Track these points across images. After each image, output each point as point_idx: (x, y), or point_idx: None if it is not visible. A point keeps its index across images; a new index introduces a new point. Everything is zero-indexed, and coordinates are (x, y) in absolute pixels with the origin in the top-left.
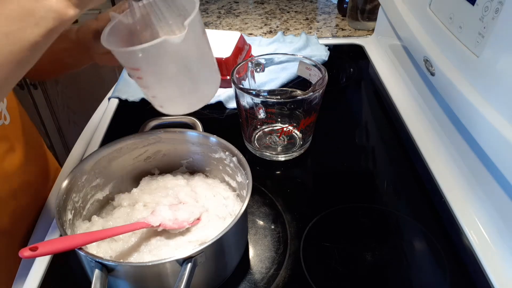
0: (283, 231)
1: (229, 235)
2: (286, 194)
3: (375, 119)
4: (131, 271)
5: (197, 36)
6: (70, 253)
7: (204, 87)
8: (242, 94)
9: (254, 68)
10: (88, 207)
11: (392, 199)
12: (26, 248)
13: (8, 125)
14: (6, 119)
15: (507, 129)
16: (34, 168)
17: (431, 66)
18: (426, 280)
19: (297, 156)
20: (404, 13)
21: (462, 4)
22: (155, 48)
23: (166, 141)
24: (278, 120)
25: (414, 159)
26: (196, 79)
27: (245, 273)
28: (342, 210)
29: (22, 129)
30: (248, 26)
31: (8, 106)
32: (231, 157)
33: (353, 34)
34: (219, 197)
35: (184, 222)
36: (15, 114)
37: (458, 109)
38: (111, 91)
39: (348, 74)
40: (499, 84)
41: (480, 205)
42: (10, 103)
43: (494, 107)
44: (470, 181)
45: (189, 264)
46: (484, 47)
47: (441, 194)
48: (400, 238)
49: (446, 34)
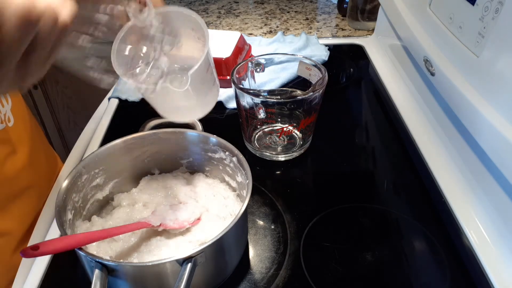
0: (283, 231)
1: (229, 235)
2: (286, 194)
3: (375, 119)
4: (131, 271)
5: (201, 76)
6: (70, 253)
7: (207, 104)
8: (242, 94)
9: (254, 68)
10: (88, 207)
11: (392, 199)
12: (27, 248)
13: (11, 128)
14: (9, 121)
15: (507, 129)
16: (38, 170)
17: (431, 66)
18: (426, 280)
19: (297, 156)
20: (404, 13)
21: (462, 4)
22: (156, 92)
23: (166, 141)
24: (278, 120)
25: (414, 159)
26: (199, 102)
27: (245, 273)
28: (342, 210)
29: (26, 131)
30: (248, 26)
31: (13, 108)
32: (231, 157)
33: (353, 34)
34: (219, 197)
35: (185, 222)
36: (20, 115)
37: (458, 109)
38: (111, 91)
39: (348, 74)
40: (499, 84)
41: (480, 205)
42: (16, 104)
43: (494, 107)
44: (470, 181)
45: (189, 264)
46: (484, 47)
47: (441, 194)
48: (400, 238)
49: (446, 34)
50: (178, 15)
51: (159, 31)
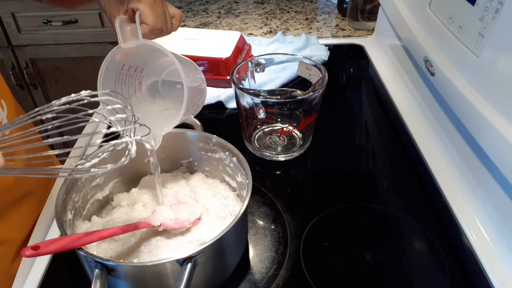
0: (283, 231)
1: (229, 235)
2: (286, 194)
3: (375, 119)
4: (131, 271)
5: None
6: (70, 253)
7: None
8: (242, 94)
9: (254, 68)
10: (88, 207)
11: (392, 199)
12: (28, 248)
13: (7, 135)
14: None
15: (507, 129)
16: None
17: (431, 66)
18: (426, 280)
19: (297, 156)
20: (404, 13)
21: (462, 4)
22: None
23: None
24: (278, 120)
25: (414, 159)
26: (191, 109)
27: (245, 273)
28: (342, 210)
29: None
30: (248, 26)
31: (9, 115)
32: (231, 157)
33: (353, 34)
34: (219, 197)
35: (185, 222)
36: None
37: (458, 109)
38: None
39: (348, 74)
40: (499, 84)
41: (480, 205)
42: (11, 111)
43: (494, 107)
44: (470, 181)
45: (189, 264)
46: (484, 47)
47: (441, 194)
48: (400, 238)
49: (446, 34)
50: (146, 50)
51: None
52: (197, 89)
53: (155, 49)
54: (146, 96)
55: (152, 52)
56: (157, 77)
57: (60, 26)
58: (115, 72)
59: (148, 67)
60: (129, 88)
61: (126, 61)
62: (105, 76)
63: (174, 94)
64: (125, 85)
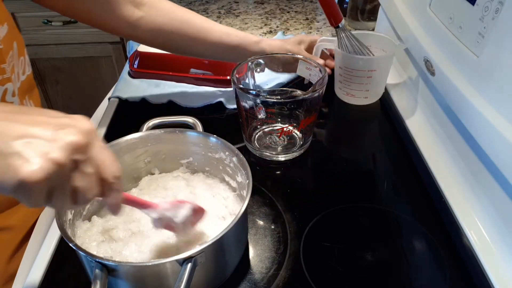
0: (283, 231)
1: (229, 235)
2: (286, 194)
3: (375, 119)
4: (131, 271)
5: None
6: (70, 253)
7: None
8: (242, 94)
9: (254, 68)
10: (88, 207)
11: (392, 199)
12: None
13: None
14: None
15: (507, 129)
16: None
17: (431, 66)
18: (426, 280)
19: (297, 156)
20: (404, 13)
21: (462, 4)
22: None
23: (166, 141)
24: (278, 120)
25: (414, 159)
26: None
27: (245, 273)
28: (342, 210)
29: None
30: (248, 26)
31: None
32: (231, 157)
33: None
34: (219, 197)
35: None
36: None
37: (458, 109)
38: (111, 91)
39: None
40: (499, 84)
41: (480, 205)
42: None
43: (494, 107)
44: (470, 181)
45: (189, 264)
46: (484, 47)
47: (441, 194)
48: (400, 238)
49: (446, 34)
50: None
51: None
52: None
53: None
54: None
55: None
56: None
57: (60, 26)
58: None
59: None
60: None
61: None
62: None
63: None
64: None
